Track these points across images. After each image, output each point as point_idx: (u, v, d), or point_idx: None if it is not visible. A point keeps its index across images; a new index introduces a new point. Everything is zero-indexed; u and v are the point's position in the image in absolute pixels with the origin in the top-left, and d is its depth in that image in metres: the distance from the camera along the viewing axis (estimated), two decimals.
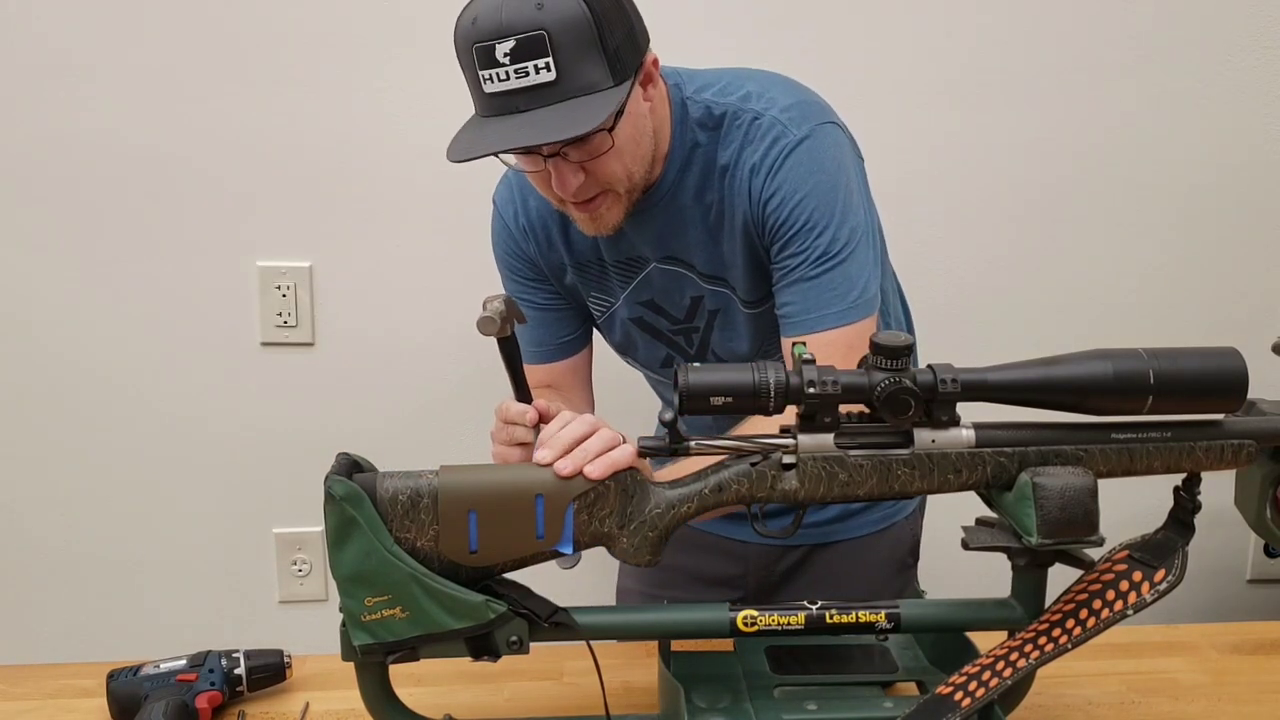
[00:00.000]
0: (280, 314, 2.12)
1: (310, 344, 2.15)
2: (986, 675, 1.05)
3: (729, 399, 1.00)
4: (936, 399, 1.03)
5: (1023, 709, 1.13)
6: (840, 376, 1.02)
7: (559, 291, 1.54)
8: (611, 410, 1.41)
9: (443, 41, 1.27)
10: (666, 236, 1.42)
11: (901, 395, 1.01)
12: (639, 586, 1.72)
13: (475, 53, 1.20)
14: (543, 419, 1.24)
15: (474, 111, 1.27)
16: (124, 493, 2.19)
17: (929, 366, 1.03)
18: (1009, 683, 1.03)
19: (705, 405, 1.00)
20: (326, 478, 1.03)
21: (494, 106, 1.22)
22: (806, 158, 1.34)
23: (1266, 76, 2.14)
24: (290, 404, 2.17)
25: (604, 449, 1.05)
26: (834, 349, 1.29)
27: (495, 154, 1.23)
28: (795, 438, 1.05)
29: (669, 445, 1.04)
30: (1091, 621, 1.05)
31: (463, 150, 1.23)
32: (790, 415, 1.05)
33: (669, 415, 1.03)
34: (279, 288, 2.11)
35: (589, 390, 1.61)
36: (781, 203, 1.33)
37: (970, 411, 1.06)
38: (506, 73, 1.19)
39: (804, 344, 1.06)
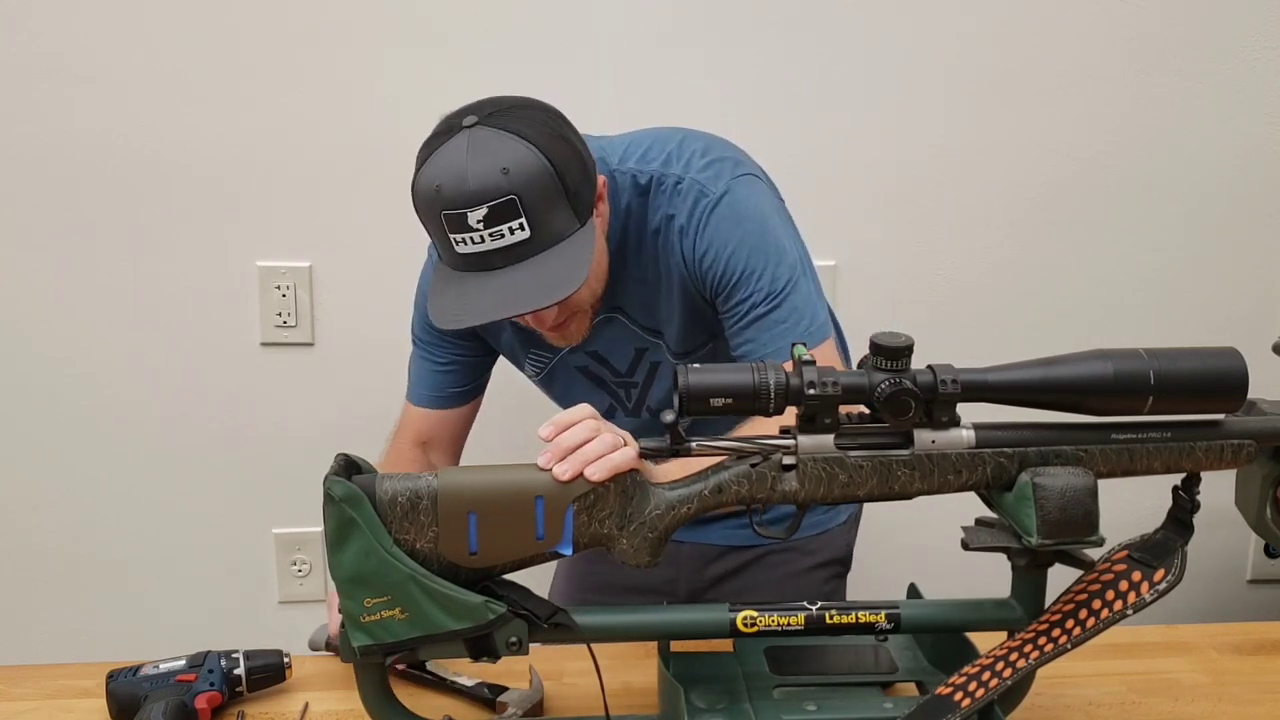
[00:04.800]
0: (280, 314, 2.12)
1: (310, 344, 2.15)
2: (986, 676, 1.05)
3: (729, 400, 1.00)
4: (936, 399, 1.03)
5: (1022, 709, 1.13)
6: (840, 377, 1.02)
7: (476, 345, 1.55)
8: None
9: (443, 41, 1.27)
10: (616, 295, 1.45)
11: (902, 396, 1.01)
12: (569, 593, 1.70)
13: (444, 219, 1.23)
14: None
15: (446, 252, 1.28)
16: (124, 493, 2.19)
17: (929, 367, 1.03)
18: (1009, 683, 1.03)
19: (705, 406, 1.00)
20: (326, 479, 1.03)
21: (468, 264, 1.25)
22: (729, 212, 1.38)
23: (1267, 76, 2.14)
24: (290, 404, 2.17)
25: (605, 452, 1.05)
26: None
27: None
28: (795, 439, 1.05)
29: (670, 447, 1.04)
30: (1091, 622, 1.05)
31: (452, 318, 1.27)
32: (790, 416, 1.05)
33: (670, 417, 1.03)
34: (279, 288, 2.11)
35: (459, 448, 1.62)
36: (715, 258, 1.37)
37: (970, 412, 1.06)
38: (481, 236, 1.23)
39: (803, 345, 1.06)
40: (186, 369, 2.14)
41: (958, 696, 1.04)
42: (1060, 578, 1.10)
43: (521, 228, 1.22)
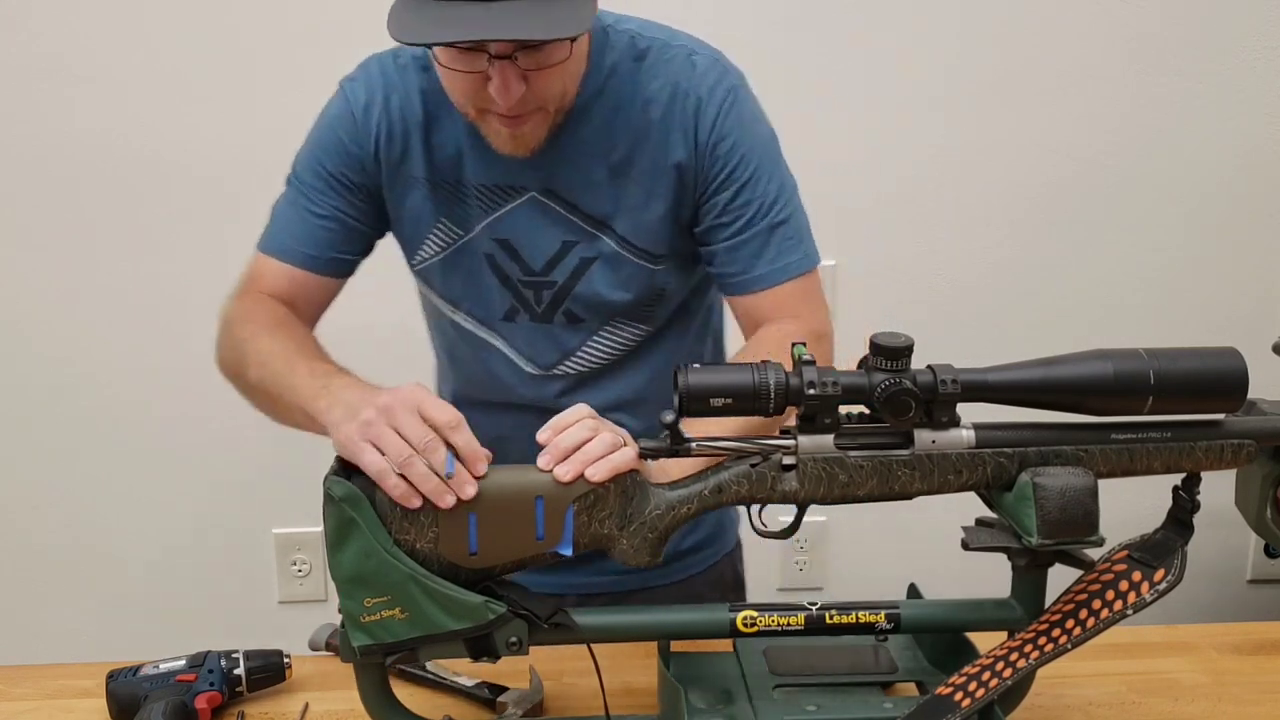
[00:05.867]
0: None
1: None
2: (986, 676, 1.05)
3: (729, 400, 1.00)
4: (937, 399, 1.03)
5: (1022, 709, 1.13)
6: (840, 377, 1.02)
7: (365, 207, 1.36)
8: None
9: None
10: (558, 166, 1.29)
11: (902, 396, 1.01)
12: None
13: None
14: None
15: None
16: (124, 493, 2.19)
17: (929, 367, 1.03)
18: (1009, 683, 1.03)
19: (705, 407, 1.00)
20: (326, 479, 1.03)
21: None
22: (750, 104, 1.31)
23: (1267, 76, 2.14)
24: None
25: (605, 452, 1.05)
26: (796, 299, 1.33)
27: (456, 44, 1.12)
28: (795, 439, 1.05)
29: (670, 447, 1.04)
30: (1091, 622, 1.05)
31: (415, 31, 1.10)
32: (790, 416, 1.05)
33: (670, 417, 1.03)
34: None
35: (313, 328, 1.41)
36: (734, 147, 1.28)
37: (970, 412, 1.06)
38: None
39: (803, 344, 1.06)
40: (186, 369, 2.14)
41: (958, 696, 1.04)
42: (1060, 578, 1.10)
43: None
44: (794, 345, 1.05)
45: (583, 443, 1.05)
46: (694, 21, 2.04)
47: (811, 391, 1.01)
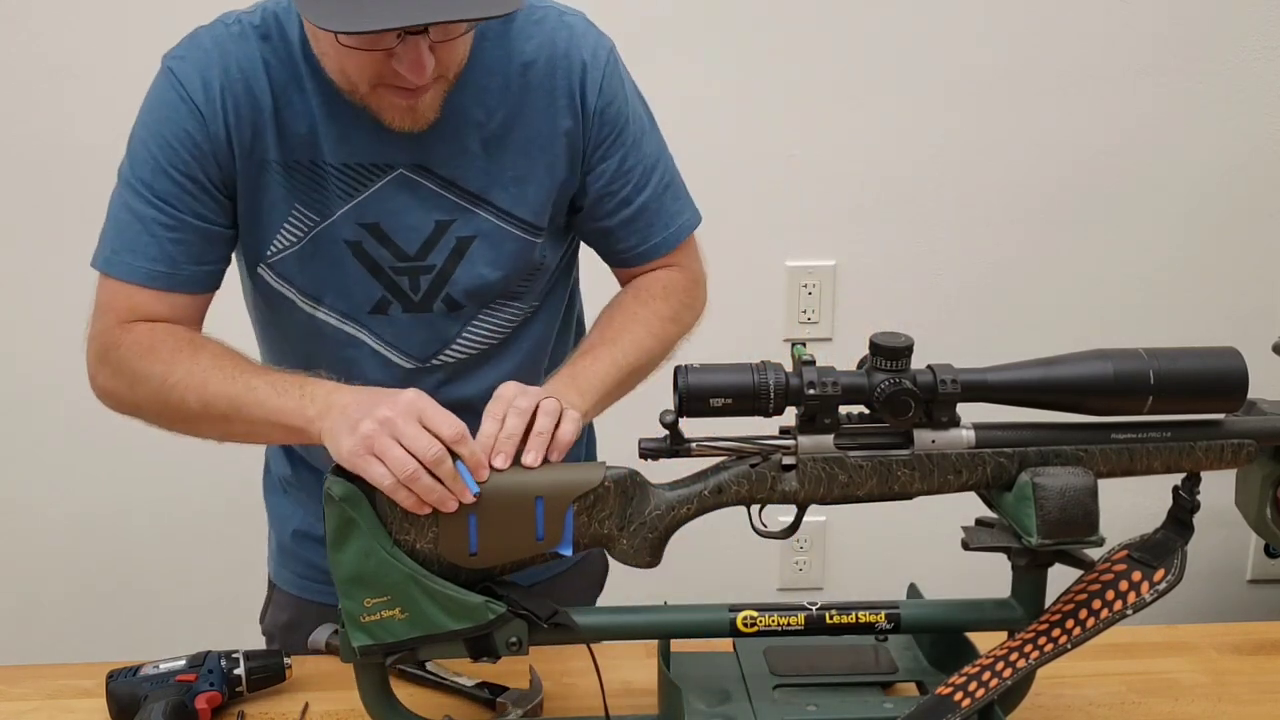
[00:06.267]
0: None
1: None
2: (986, 676, 1.05)
3: (728, 400, 1.00)
4: (936, 399, 1.03)
5: (1023, 709, 1.13)
6: (840, 378, 1.02)
7: (223, 204, 1.20)
8: None
9: None
10: (430, 140, 1.19)
11: (901, 396, 1.01)
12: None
13: None
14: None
15: None
16: (123, 492, 2.19)
17: (929, 367, 1.03)
18: (1009, 683, 1.03)
19: (704, 407, 1.00)
20: (326, 479, 1.03)
21: None
22: (624, 68, 1.28)
23: (1267, 76, 2.14)
24: None
25: (552, 426, 1.04)
26: (694, 252, 1.35)
27: (399, 30, 1.02)
28: (795, 439, 1.05)
29: (670, 446, 1.04)
30: (1091, 622, 1.05)
31: (352, 19, 1.00)
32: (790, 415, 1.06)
33: (670, 417, 1.03)
34: None
35: None
36: (619, 111, 1.25)
37: (970, 412, 1.06)
38: None
39: (804, 344, 1.06)
40: None
41: (958, 697, 1.04)
42: (1060, 577, 1.10)
43: None
44: (794, 345, 1.05)
45: (523, 429, 1.04)
46: (691, 20, 2.05)
47: (811, 392, 1.01)
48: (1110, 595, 1.05)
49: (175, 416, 1.21)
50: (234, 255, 1.28)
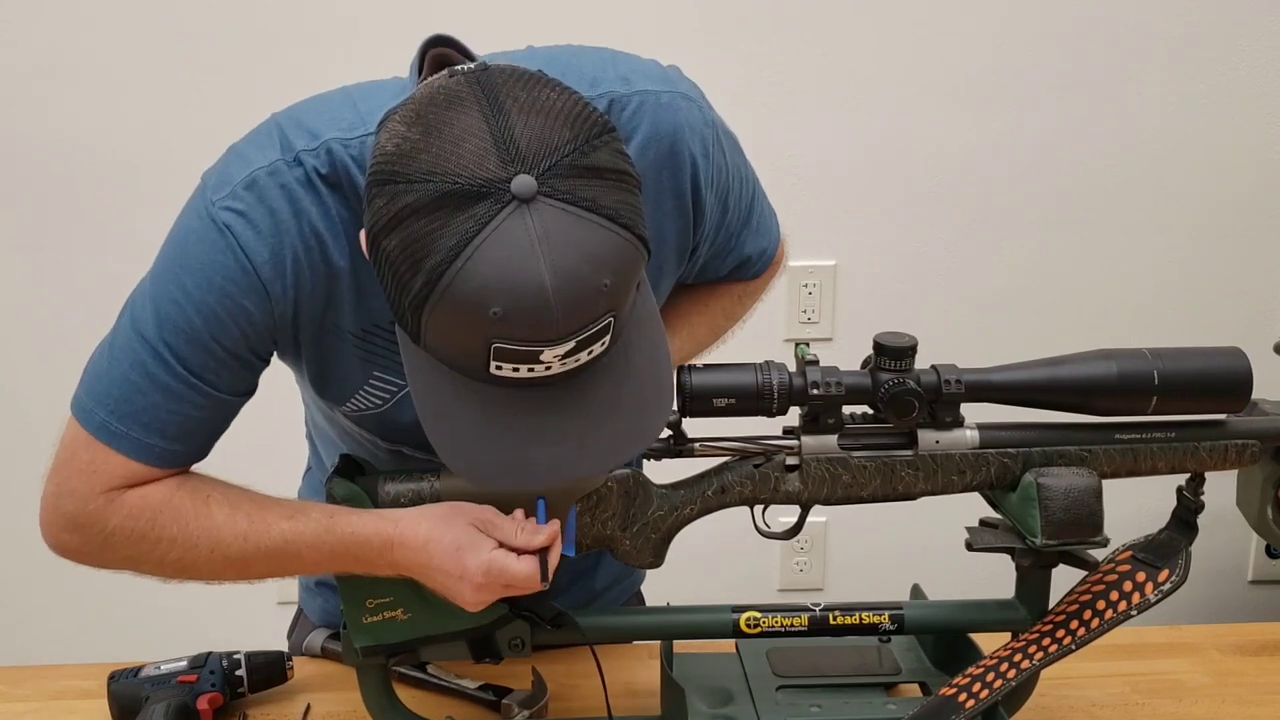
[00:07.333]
0: None
1: None
2: (990, 677, 1.05)
3: (732, 400, 1.00)
4: (940, 400, 1.03)
5: (1026, 710, 1.13)
6: (844, 378, 1.02)
7: (264, 364, 1.04)
8: None
9: None
10: None
11: (906, 396, 1.01)
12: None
13: (495, 351, 0.81)
14: None
15: (466, 365, 0.85)
16: None
17: (933, 367, 1.03)
18: (1013, 684, 1.03)
19: (709, 407, 1.00)
20: (327, 479, 1.03)
21: (501, 380, 0.84)
22: (720, 123, 1.09)
23: (1267, 76, 2.14)
24: (290, 403, 2.17)
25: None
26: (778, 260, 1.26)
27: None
28: (799, 439, 1.05)
29: (673, 447, 1.03)
30: (1095, 622, 1.05)
31: (518, 473, 0.90)
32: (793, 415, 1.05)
33: (673, 417, 1.02)
34: None
35: None
36: (725, 206, 1.11)
37: (974, 412, 1.06)
38: (549, 366, 0.83)
39: (806, 344, 1.06)
40: None
41: (961, 698, 1.04)
42: (1064, 578, 1.10)
43: (604, 345, 0.84)
44: (797, 345, 1.05)
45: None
46: (691, 20, 2.05)
47: (815, 392, 1.01)
48: (1115, 596, 1.05)
49: (202, 568, 1.09)
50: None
